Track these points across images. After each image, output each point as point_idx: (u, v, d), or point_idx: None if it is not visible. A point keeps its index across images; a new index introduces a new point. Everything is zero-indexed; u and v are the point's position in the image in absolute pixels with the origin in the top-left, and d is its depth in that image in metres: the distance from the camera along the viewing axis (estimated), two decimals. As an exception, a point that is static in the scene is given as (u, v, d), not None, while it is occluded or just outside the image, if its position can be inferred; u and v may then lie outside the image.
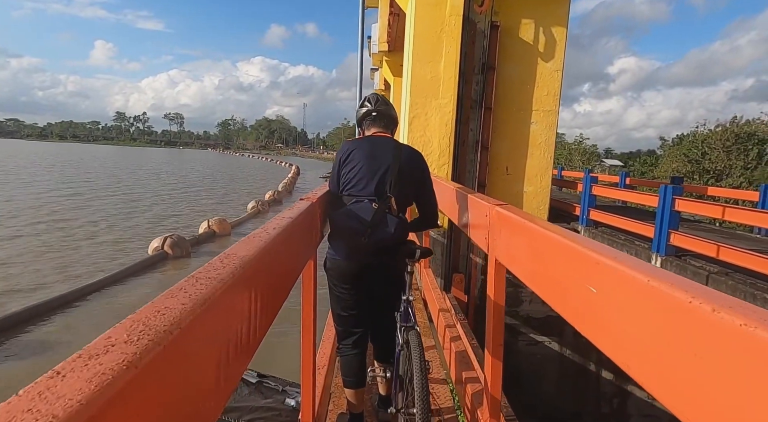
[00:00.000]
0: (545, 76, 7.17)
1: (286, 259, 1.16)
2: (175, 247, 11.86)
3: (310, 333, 1.73)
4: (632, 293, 0.74)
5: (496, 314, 1.43)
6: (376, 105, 2.58)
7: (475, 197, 2.07)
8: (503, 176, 7.41)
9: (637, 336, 0.73)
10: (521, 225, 1.23)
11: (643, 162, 37.98)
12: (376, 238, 2.25)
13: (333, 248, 2.45)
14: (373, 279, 2.45)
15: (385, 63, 16.23)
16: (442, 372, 2.97)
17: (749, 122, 27.26)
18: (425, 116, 7.09)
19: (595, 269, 0.85)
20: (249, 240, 1.00)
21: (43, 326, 7.77)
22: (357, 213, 2.27)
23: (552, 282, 1.02)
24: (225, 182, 38.80)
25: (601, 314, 0.84)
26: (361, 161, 2.40)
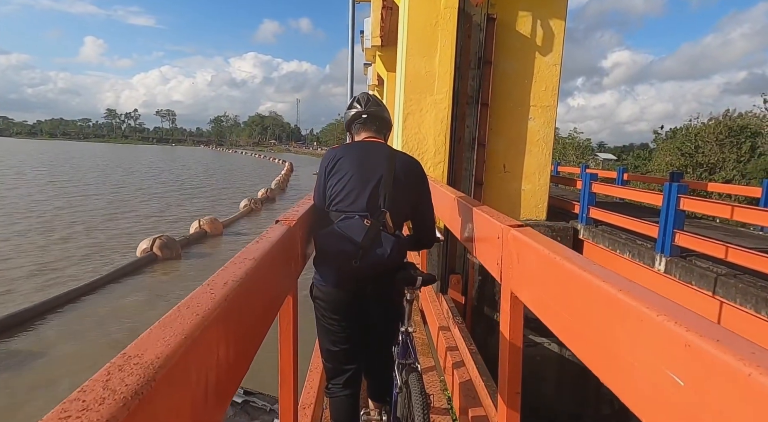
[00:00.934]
0: (543, 71, 6.97)
1: (259, 299, 0.95)
2: (165, 248, 11.57)
3: (289, 385, 1.45)
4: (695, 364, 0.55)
5: (513, 357, 1.19)
6: (367, 106, 2.27)
7: (483, 214, 1.78)
8: (500, 174, 7.21)
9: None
10: (545, 257, 1.00)
11: (636, 156, 38.06)
12: (369, 261, 1.92)
13: (319, 273, 2.09)
14: (367, 309, 2.10)
15: (379, 58, 15.97)
16: (443, 399, 2.73)
17: (742, 115, 27.29)
18: (420, 112, 6.87)
19: (640, 326, 0.65)
20: (201, 295, 0.79)
21: (23, 335, 7.50)
22: (346, 232, 1.93)
23: (584, 335, 0.81)
24: (217, 179, 38.41)
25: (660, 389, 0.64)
26: (351, 170, 2.06)
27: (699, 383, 0.53)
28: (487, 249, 1.60)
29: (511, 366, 1.20)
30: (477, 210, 1.85)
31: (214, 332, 0.72)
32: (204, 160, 68.86)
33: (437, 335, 3.16)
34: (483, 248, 1.70)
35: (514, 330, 1.18)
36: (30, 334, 7.50)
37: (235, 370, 0.83)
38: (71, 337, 7.47)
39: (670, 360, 0.58)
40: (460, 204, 2.26)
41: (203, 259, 12.27)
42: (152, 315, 8.40)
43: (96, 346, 7.23)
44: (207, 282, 0.85)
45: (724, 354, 0.50)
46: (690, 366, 0.54)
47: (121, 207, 20.48)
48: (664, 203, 5.01)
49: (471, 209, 1.94)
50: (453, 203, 2.38)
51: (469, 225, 2.01)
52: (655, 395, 0.59)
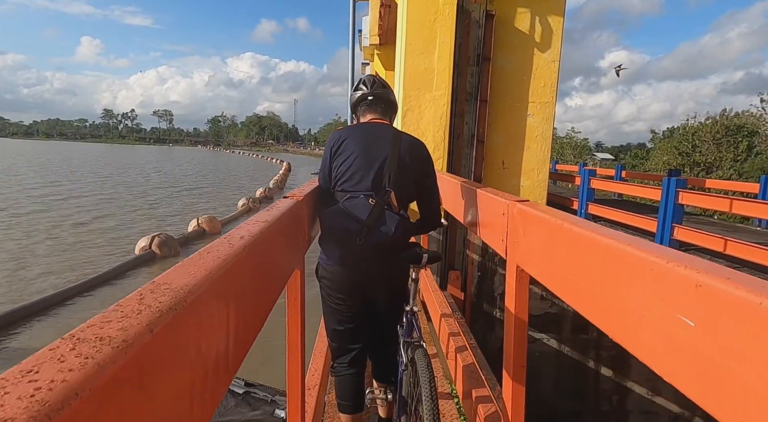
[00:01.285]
0: (542, 68, 6.99)
1: (267, 269, 0.96)
2: (164, 246, 11.57)
3: (297, 358, 1.46)
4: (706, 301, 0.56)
5: (518, 330, 1.21)
6: (373, 88, 2.28)
7: (487, 193, 1.81)
8: (499, 171, 7.22)
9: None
10: (551, 225, 1.02)
11: (634, 155, 38.26)
12: (373, 239, 1.93)
13: (325, 252, 2.09)
14: (373, 288, 2.12)
15: (377, 57, 15.98)
16: (446, 384, 2.76)
17: (738, 115, 27.44)
18: (419, 108, 6.89)
19: (651, 275, 0.66)
20: (220, 244, 0.80)
21: (13, 335, 7.47)
22: (351, 211, 1.94)
23: (593, 295, 0.82)
24: (215, 179, 38.37)
25: (666, 331, 0.65)
26: (356, 151, 2.07)
27: (710, 321, 0.54)
28: (491, 228, 1.62)
29: (517, 339, 1.21)
30: (481, 191, 1.86)
31: (232, 276, 0.74)
32: (201, 160, 68.75)
33: (439, 322, 3.17)
34: (487, 227, 1.72)
35: (520, 303, 1.19)
36: (23, 334, 7.48)
37: (242, 336, 0.83)
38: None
39: (681, 304, 0.59)
40: (463, 188, 2.28)
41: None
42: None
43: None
44: (225, 236, 0.88)
45: (735, 289, 0.51)
46: (701, 305, 0.56)
47: (119, 205, 20.44)
48: (663, 197, 5.04)
49: (474, 191, 1.96)
50: (456, 187, 2.40)
51: (472, 208, 2.03)
52: (666, 341, 0.60)
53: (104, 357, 0.40)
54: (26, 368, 0.38)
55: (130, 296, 0.54)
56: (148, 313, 0.49)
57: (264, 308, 0.95)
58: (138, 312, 0.48)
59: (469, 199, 2.10)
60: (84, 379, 0.37)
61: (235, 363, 0.75)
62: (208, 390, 0.65)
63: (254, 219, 1.03)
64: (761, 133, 24.88)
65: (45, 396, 0.34)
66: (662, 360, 0.63)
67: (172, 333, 0.52)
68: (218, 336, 0.68)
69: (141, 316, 0.48)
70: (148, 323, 0.47)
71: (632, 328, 0.68)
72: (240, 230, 0.89)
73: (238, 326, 0.75)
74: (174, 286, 0.57)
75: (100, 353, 0.41)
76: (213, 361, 0.65)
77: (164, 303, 0.51)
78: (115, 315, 0.48)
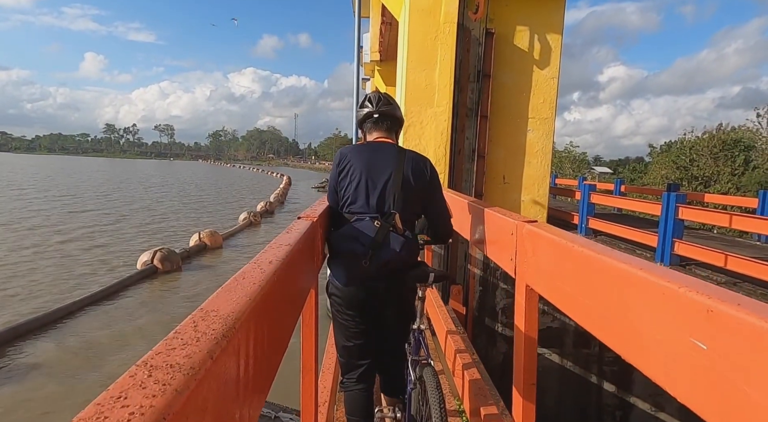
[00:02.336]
0: (541, 84, 7.09)
1: (291, 290, 0.99)
2: (165, 261, 11.57)
3: (311, 375, 1.50)
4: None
5: (528, 348, 1.24)
6: (378, 106, 2.30)
7: (494, 212, 1.86)
8: (500, 185, 7.29)
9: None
10: (562, 247, 1.04)
11: (632, 169, 38.41)
12: (379, 261, 2.01)
13: (333, 272, 2.15)
14: (380, 306, 2.16)
15: (377, 73, 16.17)
16: (453, 402, 2.76)
17: (735, 129, 27.65)
18: (420, 124, 6.97)
19: (663, 300, 0.70)
20: (252, 270, 0.83)
21: (18, 349, 7.44)
22: (357, 233, 2.02)
23: (604, 316, 0.86)
24: (216, 193, 38.42)
25: (678, 355, 0.68)
26: (361, 173, 2.14)
27: (721, 344, 0.57)
28: (499, 247, 1.64)
29: (527, 357, 1.23)
30: (489, 211, 1.89)
31: (267, 300, 0.78)
32: (202, 174, 68.93)
33: (444, 338, 3.20)
34: (495, 246, 1.75)
35: (530, 322, 1.22)
36: (30, 348, 7.45)
37: (280, 343, 0.88)
38: (73, 350, 7.42)
39: (693, 327, 0.62)
40: (470, 206, 2.31)
41: (203, 271, 12.25)
42: (154, 328, 8.39)
43: (103, 355, 7.19)
44: (254, 260, 0.91)
45: (746, 315, 0.54)
46: (713, 329, 0.59)
47: (120, 220, 20.46)
48: (663, 212, 5.08)
49: (481, 210, 1.99)
50: (462, 205, 2.43)
51: (479, 226, 2.05)
52: (679, 363, 0.63)
53: (179, 384, 0.43)
54: (115, 394, 0.41)
55: (185, 324, 0.57)
56: (206, 340, 0.52)
57: (289, 329, 0.99)
58: (197, 340, 0.52)
59: (476, 217, 2.14)
60: (166, 404, 0.40)
61: (266, 384, 0.79)
62: (248, 417, 0.68)
63: (277, 243, 1.06)
64: (758, 147, 25.04)
65: (139, 421, 0.37)
66: (676, 381, 0.65)
67: (227, 358, 0.55)
68: (256, 359, 0.71)
69: (200, 343, 0.51)
70: (208, 350, 0.50)
71: (645, 349, 0.72)
72: (266, 254, 0.92)
73: (270, 347, 0.79)
74: (222, 313, 0.60)
75: (174, 379, 0.44)
76: (252, 384, 0.68)
77: (218, 330, 0.55)
78: (177, 342, 0.52)
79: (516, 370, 1.30)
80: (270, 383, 0.81)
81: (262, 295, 0.73)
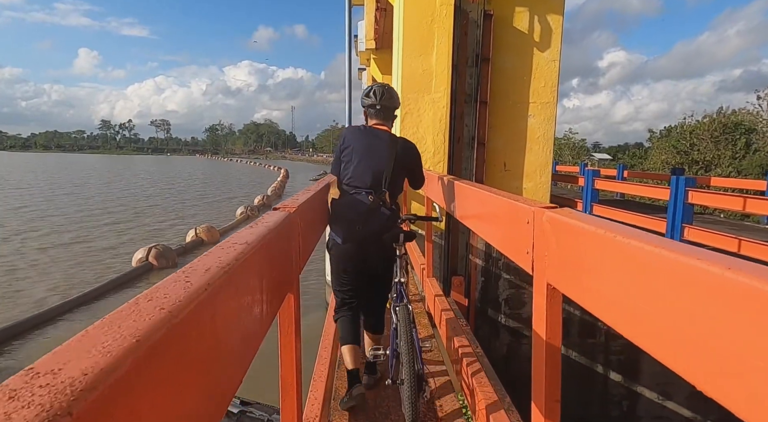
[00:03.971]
0: (542, 67, 6.85)
1: (253, 293, 0.78)
2: (161, 258, 11.38)
3: (292, 397, 1.23)
4: None
5: (551, 358, 1.02)
6: (381, 100, 2.78)
7: (506, 199, 1.54)
8: (501, 173, 7.08)
9: None
10: (598, 238, 0.82)
11: (632, 155, 38.19)
12: (369, 227, 2.56)
13: (333, 232, 2.68)
14: (368, 261, 2.70)
15: (373, 61, 15.88)
16: (456, 399, 2.60)
17: (735, 112, 27.38)
18: (418, 111, 6.75)
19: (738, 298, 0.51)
20: (190, 270, 0.63)
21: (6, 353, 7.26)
22: (355, 203, 2.58)
23: (663, 326, 0.65)
24: (213, 188, 38.15)
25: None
26: (360, 155, 2.66)
27: None
28: (512, 239, 1.35)
29: (549, 369, 1.03)
30: (497, 196, 1.62)
31: (186, 332, 0.54)
32: (199, 169, 68.54)
33: (447, 331, 3.10)
34: (507, 238, 1.46)
35: (552, 328, 1.02)
36: (17, 351, 7.29)
37: (223, 383, 0.67)
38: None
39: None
40: (475, 193, 2.08)
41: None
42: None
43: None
44: (183, 269, 0.68)
45: None
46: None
47: (115, 217, 20.24)
48: (672, 197, 4.88)
49: (489, 196, 1.73)
50: (467, 193, 2.22)
51: (486, 215, 1.81)
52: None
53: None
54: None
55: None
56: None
57: (247, 351, 0.78)
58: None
59: (482, 205, 1.92)
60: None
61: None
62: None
63: (230, 242, 0.86)
64: (759, 130, 24.80)
65: None
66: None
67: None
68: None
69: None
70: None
71: (723, 370, 0.52)
72: (208, 257, 0.71)
73: (213, 377, 0.59)
74: (59, 380, 0.36)
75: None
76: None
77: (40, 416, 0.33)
78: None
79: (536, 384, 1.10)
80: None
81: (174, 323, 0.50)
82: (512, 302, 6.76)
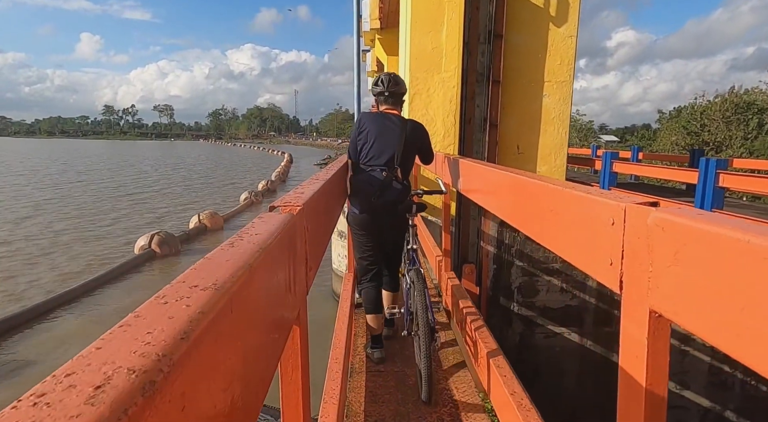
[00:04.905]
0: (558, 44, 6.47)
1: (231, 354, 0.51)
2: (164, 245, 11.15)
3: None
4: None
5: (653, 411, 0.72)
6: (389, 87, 3.11)
7: (580, 193, 1.10)
8: (514, 156, 6.75)
9: None
10: (742, 249, 0.56)
11: (641, 136, 37.57)
12: (384, 199, 2.95)
13: (352, 204, 3.07)
14: (382, 228, 3.08)
15: (378, 41, 15.43)
16: (476, 395, 2.41)
17: (748, 91, 26.66)
18: (427, 92, 6.41)
19: None
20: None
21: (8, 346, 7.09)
22: (371, 179, 2.96)
23: None
24: (217, 173, 37.88)
25: None
26: (375, 136, 3.01)
27: None
28: (587, 244, 1.02)
29: (651, 413, 0.73)
30: (559, 188, 1.18)
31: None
32: (203, 154, 68.21)
33: (463, 321, 3.08)
34: (579, 243, 1.10)
35: (656, 370, 0.72)
36: (19, 342, 7.12)
37: None
38: (71, 340, 7.08)
39: None
40: (525, 183, 1.55)
41: (203, 255, 11.86)
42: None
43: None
44: (155, 297, 0.45)
45: None
46: None
47: (118, 203, 20.06)
48: (700, 180, 4.56)
49: (546, 187, 1.28)
50: (509, 181, 1.74)
51: (542, 211, 1.36)
52: None
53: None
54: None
55: None
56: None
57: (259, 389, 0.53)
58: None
59: (540, 200, 1.40)
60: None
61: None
62: None
63: (202, 265, 0.62)
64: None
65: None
66: None
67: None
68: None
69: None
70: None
71: None
72: (175, 288, 0.44)
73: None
74: None
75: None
76: None
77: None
78: None
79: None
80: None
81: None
82: (525, 290, 6.56)
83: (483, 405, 2.58)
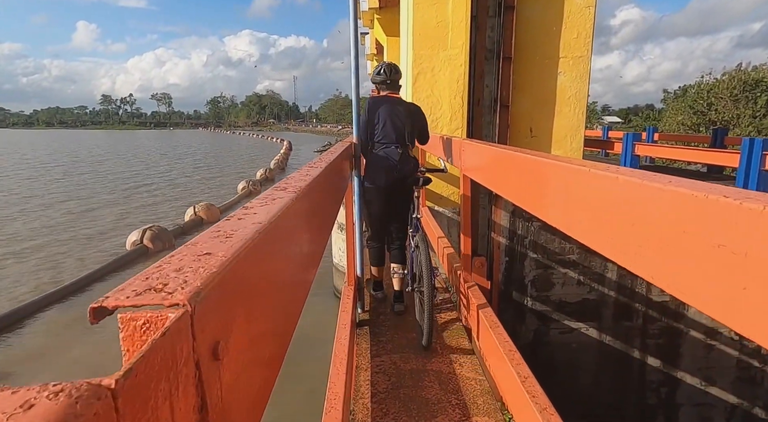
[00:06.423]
0: (574, 15, 5.91)
1: None
2: (156, 240, 10.68)
3: None
4: None
5: None
6: (390, 75, 3.53)
7: (690, 190, 0.70)
8: (527, 139, 6.24)
9: None
10: None
11: (645, 117, 36.84)
12: (401, 172, 3.39)
13: (367, 179, 3.41)
14: (391, 199, 3.50)
15: (377, 22, 14.79)
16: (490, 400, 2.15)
17: (756, 69, 25.89)
18: (432, 71, 5.88)
19: None
20: None
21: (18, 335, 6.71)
22: (388, 155, 3.39)
23: None
24: (214, 161, 37.33)
25: None
26: (386, 118, 3.43)
27: None
28: (701, 273, 0.51)
29: None
30: (679, 187, 0.68)
31: None
32: (202, 142, 67.54)
33: (476, 320, 3.00)
34: (686, 272, 0.57)
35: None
36: (22, 337, 6.76)
37: None
38: (52, 350, 6.68)
39: None
40: (595, 178, 0.95)
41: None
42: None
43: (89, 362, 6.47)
44: None
45: None
46: None
47: (107, 198, 19.61)
48: (743, 163, 4.04)
49: (641, 184, 0.79)
50: (577, 177, 1.11)
51: (626, 221, 0.81)
52: None
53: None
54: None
55: None
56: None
57: None
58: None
59: (615, 202, 0.84)
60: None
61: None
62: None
63: None
64: (781, 86, 23.45)
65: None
66: None
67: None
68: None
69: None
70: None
71: None
72: None
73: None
74: None
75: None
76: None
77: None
78: None
79: None
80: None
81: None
82: (539, 283, 6.18)
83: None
